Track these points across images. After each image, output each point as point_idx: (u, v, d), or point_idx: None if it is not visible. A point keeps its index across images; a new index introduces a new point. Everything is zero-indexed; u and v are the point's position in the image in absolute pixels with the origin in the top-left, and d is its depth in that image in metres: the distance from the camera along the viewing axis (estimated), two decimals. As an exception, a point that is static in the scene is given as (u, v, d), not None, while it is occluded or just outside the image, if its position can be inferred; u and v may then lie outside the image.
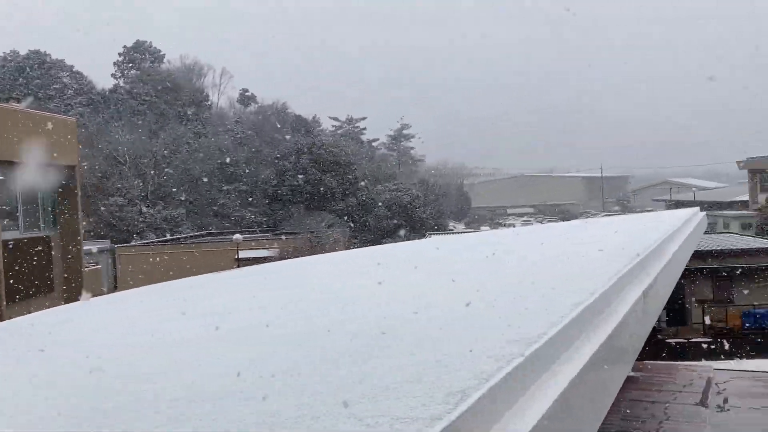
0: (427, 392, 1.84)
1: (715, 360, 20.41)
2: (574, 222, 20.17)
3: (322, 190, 53.98)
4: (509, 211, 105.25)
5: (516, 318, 2.71)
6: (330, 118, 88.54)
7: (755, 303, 26.67)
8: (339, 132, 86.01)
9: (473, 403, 1.74)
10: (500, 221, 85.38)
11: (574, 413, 2.19)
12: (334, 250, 30.90)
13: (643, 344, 3.93)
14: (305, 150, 55.73)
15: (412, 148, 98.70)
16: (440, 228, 57.89)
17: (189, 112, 64.87)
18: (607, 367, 2.71)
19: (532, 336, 2.29)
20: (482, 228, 62.94)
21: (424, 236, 43.59)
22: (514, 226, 55.23)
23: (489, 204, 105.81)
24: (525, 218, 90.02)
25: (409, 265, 6.16)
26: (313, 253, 25.53)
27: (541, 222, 72.69)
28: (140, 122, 58.44)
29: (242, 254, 35.21)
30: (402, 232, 51.97)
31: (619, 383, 3.10)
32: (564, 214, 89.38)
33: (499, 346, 2.22)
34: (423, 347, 2.41)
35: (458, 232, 47.19)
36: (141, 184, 53.79)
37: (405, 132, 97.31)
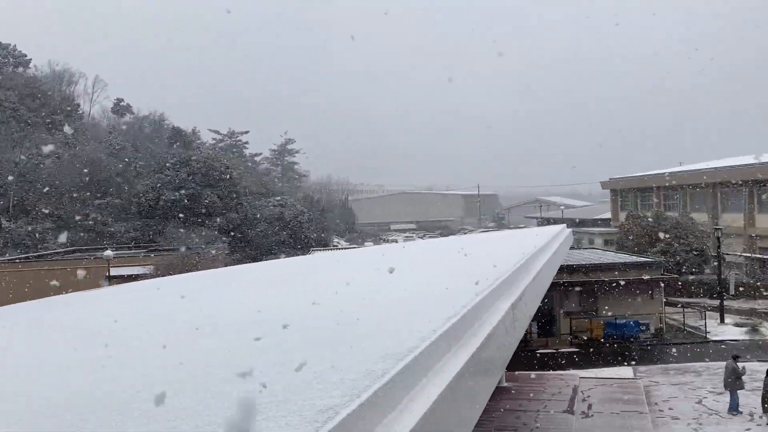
0: (297, 411, 1.82)
1: (581, 368, 21.60)
2: (451, 238, 20.81)
3: (202, 205, 52.33)
4: (392, 226, 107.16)
5: (388, 334, 2.74)
6: (210, 131, 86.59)
7: (616, 314, 28.62)
8: (220, 145, 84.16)
9: (342, 420, 1.73)
10: (383, 237, 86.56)
11: (443, 425, 2.23)
12: (212, 266, 29.99)
13: (512, 355, 4.09)
14: (184, 163, 53.88)
15: (296, 163, 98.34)
16: (324, 244, 57.80)
17: (57, 121, 60.99)
18: (477, 378, 2.79)
19: (402, 351, 2.32)
20: (366, 244, 63.50)
21: (307, 252, 43.34)
22: (396, 242, 56.12)
23: (373, 220, 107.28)
24: (407, 234, 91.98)
25: (286, 283, 6.08)
26: (189, 270, 24.68)
27: (422, 237, 74.45)
28: (1, 130, 54.27)
29: (114, 271, 33.43)
30: (285, 248, 51.37)
31: (488, 394, 3.20)
32: (443, 229, 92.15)
33: (370, 362, 2.23)
34: (294, 366, 2.38)
35: (342, 248, 47.34)
36: (2, 197, 49.84)
37: (289, 147, 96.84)
